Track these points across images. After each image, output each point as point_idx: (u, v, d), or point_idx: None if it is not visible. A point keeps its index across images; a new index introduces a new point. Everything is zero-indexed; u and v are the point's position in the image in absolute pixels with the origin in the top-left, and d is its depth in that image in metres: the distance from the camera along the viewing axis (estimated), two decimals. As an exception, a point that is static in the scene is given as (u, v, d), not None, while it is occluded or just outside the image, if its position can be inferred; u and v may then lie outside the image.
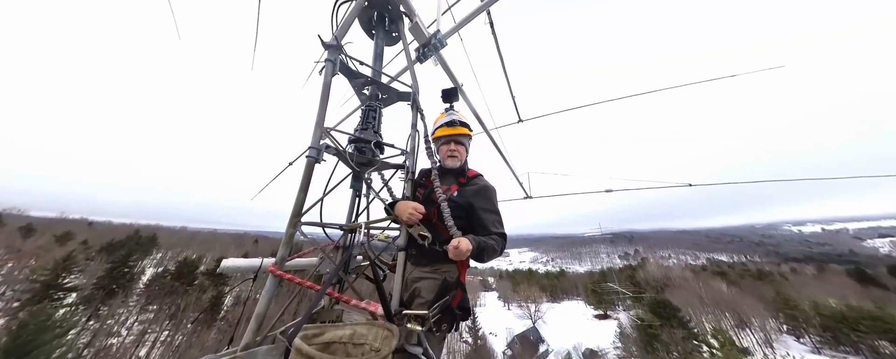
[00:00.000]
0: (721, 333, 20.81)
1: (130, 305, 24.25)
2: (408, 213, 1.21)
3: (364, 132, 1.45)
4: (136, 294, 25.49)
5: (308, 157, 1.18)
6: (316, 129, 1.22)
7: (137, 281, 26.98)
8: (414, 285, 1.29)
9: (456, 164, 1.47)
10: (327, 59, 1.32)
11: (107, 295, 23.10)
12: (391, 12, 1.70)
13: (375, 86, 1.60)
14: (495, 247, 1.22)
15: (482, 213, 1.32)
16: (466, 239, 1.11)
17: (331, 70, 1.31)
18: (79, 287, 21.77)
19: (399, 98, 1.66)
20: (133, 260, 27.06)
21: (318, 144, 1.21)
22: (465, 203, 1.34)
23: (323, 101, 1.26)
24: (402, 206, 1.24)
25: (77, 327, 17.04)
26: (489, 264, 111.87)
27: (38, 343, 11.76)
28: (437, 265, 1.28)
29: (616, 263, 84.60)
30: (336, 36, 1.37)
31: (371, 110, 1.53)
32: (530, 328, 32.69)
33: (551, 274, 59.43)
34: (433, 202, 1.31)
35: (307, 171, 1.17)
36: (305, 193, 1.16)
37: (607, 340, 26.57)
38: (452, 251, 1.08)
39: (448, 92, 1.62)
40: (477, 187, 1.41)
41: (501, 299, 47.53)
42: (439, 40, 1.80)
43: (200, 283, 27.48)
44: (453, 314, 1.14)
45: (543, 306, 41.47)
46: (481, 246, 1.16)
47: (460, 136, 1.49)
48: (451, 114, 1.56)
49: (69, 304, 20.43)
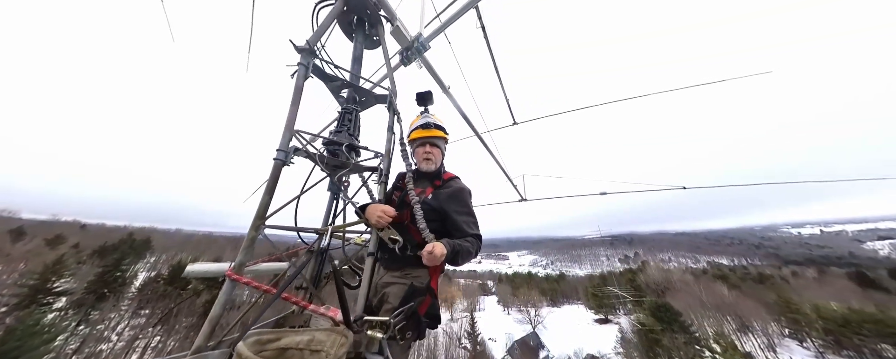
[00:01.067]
0: (723, 337, 20.56)
1: (122, 309, 23.74)
2: (376, 215, 1.18)
3: (338, 135, 1.44)
4: (128, 298, 24.99)
5: (275, 159, 1.16)
6: (285, 131, 1.21)
7: (130, 285, 26.51)
8: (383, 290, 1.25)
9: (431, 166, 1.45)
10: (299, 63, 1.31)
11: (97, 299, 22.63)
12: (370, 16, 1.72)
13: (352, 89, 1.59)
14: (470, 249, 1.19)
15: (457, 215, 1.29)
16: (441, 244, 1.08)
17: (303, 74, 1.31)
18: (69, 291, 21.35)
19: (376, 101, 1.65)
20: (126, 264, 26.65)
21: (287, 146, 1.18)
22: (439, 206, 1.32)
23: (294, 104, 1.26)
24: (372, 208, 1.21)
25: (66, 333, 16.65)
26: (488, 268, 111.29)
27: (25, 349, 11.43)
28: (408, 270, 1.25)
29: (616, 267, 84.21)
30: (309, 40, 1.37)
31: (347, 113, 1.52)
32: (530, 334, 32.25)
33: (551, 277, 59.02)
34: (408, 205, 1.28)
35: (274, 173, 1.15)
36: (271, 195, 1.13)
37: (608, 345, 26.20)
38: (426, 257, 1.04)
39: (422, 95, 1.59)
40: (451, 190, 1.38)
41: (501, 304, 47.04)
42: (422, 44, 1.82)
43: (194, 287, 26.98)
44: (419, 322, 1.09)
45: (543, 311, 41.06)
46: (455, 250, 1.13)
47: (435, 138, 1.47)
48: (425, 116, 1.54)
49: (59, 309, 19.99)
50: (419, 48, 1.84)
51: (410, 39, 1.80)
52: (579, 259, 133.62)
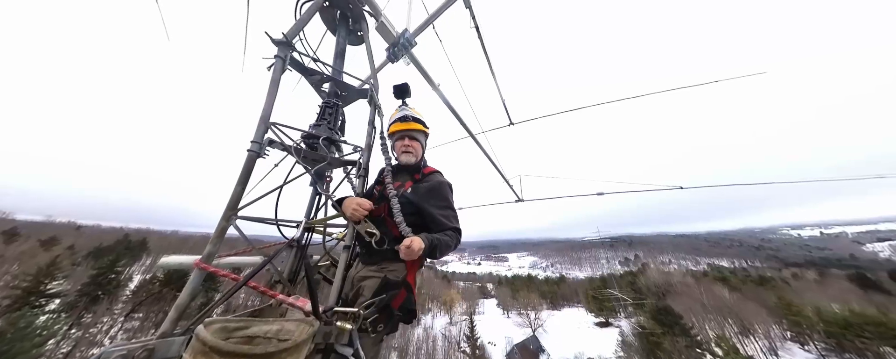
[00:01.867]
0: (725, 340, 20.34)
1: (115, 312, 23.42)
2: (352, 208, 1.17)
3: (317, 128, 1.43)
4: (122, 301, 24.67)
5: (249, 151, 1.15)
6: (260, 123, 1.19)
7: (124, 287, 26.20)
8: (359, 284, 1.24)
9: (411, 159, 1.44)
10: (276, 56, 1.30)
11: (91, 302, 22.33)
12: (353, 11, 1.71)
13: (333, 83, 1.58)
14: (449, 242, 1.20)
15: (436, 209, 1.29)
16: (419, 238, 1.07)
17: (279, 67, 1.30)
18: (62, 294, 21.06)
19: (358, 96, 1.64)
20: (120, 265, 26.36)
21: (262, 138, 1.17)
22: (417, 200, 1.31)
23: (270, 96, 1.24)
24: (348, 201, 1.21)
25: (58, 336, 16.37)
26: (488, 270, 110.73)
27: (15, 352, 11.23)
28: (385, 264, 1.23)
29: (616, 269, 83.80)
30: (286, 33, 1.36)
31: (328, 107, 1.51)
32: (530, 337, 31.90)
33: (551, 280, 58.67)
34: (386, 199, 1.28)
35: (247, 165, 1.14)
36: (243, 186, 1.13)
37: (609, 349, 25.88)
38: (404, 251, 1.04)
39: (400, 87, 1.55)
40: (430, 184, 1.37)
41: (500, 307, 46.68)
42: (407, 40, 1.79)
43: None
44: (392, 315, 1.07)
45: (543, 314, 40.69)
46: (433, 244, 1.13)
47: (414, 131, 1.46)
48: (403, 109, 1.51)
49: (51, 311, 19.70)
50: (405, 44, 1.81)
51: (396, 35, 1.78)
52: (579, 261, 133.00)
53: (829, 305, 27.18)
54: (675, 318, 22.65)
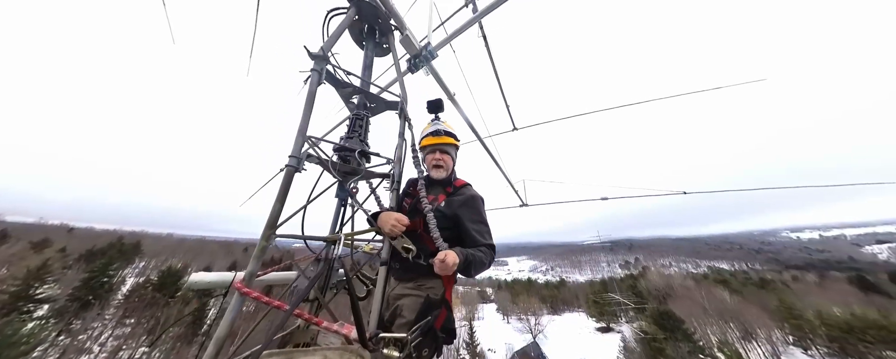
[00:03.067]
0: (727, 345, 20.06)
1: (106, 318, 22.87)
2: (390, 224, 1.12)
3: (349, 141, 1.43)
4: (114, 306, 24.12)
5: (287, 166, 1.13)
6: (298, 137, 1.18)
7: (116, 292, 25.66)
8: (396, 302, 1.21)
9: (442, 174, 1.45)
10: (313, 69, 1.33)
11: (81, 307, 21.82)
12: (381, 25, 1.75)
13: (363, 95, 1.62)
14: (483, 259, 1.16)
15: (469, 223, 1.27)
16: (454, 252, 1.05)
17: (316, 79, 1.32)
18: (51, 299, 20.58)
19: (387, 107, 1.67)
20: (113, 269, 25.88)
21: (300, 152, 1.16)
22: (452, 214, 1.30)
23: (306, 109, 1.24)
24: (385, 216, 1.16)
25: (45, 344, 15.93)
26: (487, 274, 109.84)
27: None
28: (422, 281, 1.21)
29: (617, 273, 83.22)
30: (323, 47, 1.40)
31: (358, 119, 1.52)
32: (531, 344, 31.37)
33: (551, 284, 58.20)
34: (420, 213, 1.25)
35: (286, 180, 1.11)
36: (282, 203, 1.08)
37: (611, 355, 25.45)
38: (438, 265, 1.00)
39: (434, 103, 1.63)
40: (464, 197, 1.36)
41: (500, 312, 46.12)
42: (430, 52, 1.89)
43: (183, 294, 26.19)
44: (436, 337, 1.06)
45: (544, 319, 40.13)
46: (469, 259, 1.10)
47: (446, 145, 1.47)
48: (436, 124, 1.55)
49: (39, 317, 19.20)
50: (427, 56, 1.90)
51: (419, 48, 1.86)
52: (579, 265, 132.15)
53: (830, 308, 27.00)
54: (676, 322, 22.39)
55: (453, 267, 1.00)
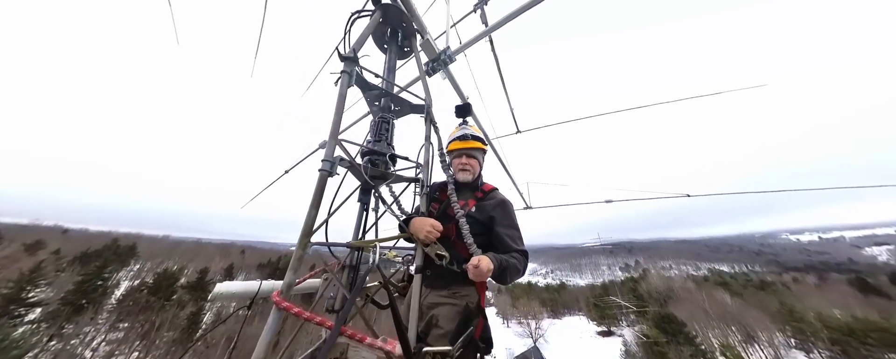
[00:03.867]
0: (729, 349, 19.86)
1: (99, 322, 22.46)
2: (425, 230, 1.07)
3: (377, 144, 1.40)
4: (107, 310, 23.72)
5: (321, 170, 1.08)
6: (330, 140, 1.13)
7: (110, 295, 25.25)
8: (430, 312, 1.15)
9: (468, 177, 1.42)
10: (343, 71, 1.30)
11: (74, 311, 21.44)
12: (405, 29, 1.77)
13: (389, 98, 1.59)
14: (518, 266, 1.11)
15: (502, 228, 1.24)
16: (487, 258, 1.00)
17: (346, 82, 1.29)
18: (43, 302, 20.23)
19: (412, 110, 1.64)
20: (107, 272, 25.53)
21: (332, 156, 1.11)
22: (485, 219, 1.26)
23: (338, 112, 1.21)
24: (419, 222, 1.11)
25: (36, 348, 15.59)
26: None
27: (-11, 366, 10.57)
28: (455, 288, 1.17)
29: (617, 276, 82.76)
30: (354, 48, 1.38)
31: (384, 122, 1.48)
32: (531, 348, 30.94)
33: (551, 287, 57.74)
34: (449, 218, 1.23)
35: (319, 185, 1.06)
36: (317, 209, 1.05)
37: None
38: (472, 271, 0.96)
39: (462, 107, 1.65)
40: (495, 202, 1.33)
41: (500, 316, 45.65)
42: (448, 56, 1.91)
43: (179, 297, 25.84)
44: (476, 348, 1.04)
45: (544, 323, 39.79)
46: (503, 265, 1.05)
47: (473, 149, 1.46)
48: (463, 128, 1.56)
49: (31, 321, 18.84)
50: (445, 60, 1.93)
51: (438, 51, 1.89)
52: (580, 268, 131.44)
53: (831, 310, 26.87)
54: (678, 326, 22.20)
55: (487, 273, 0.95)
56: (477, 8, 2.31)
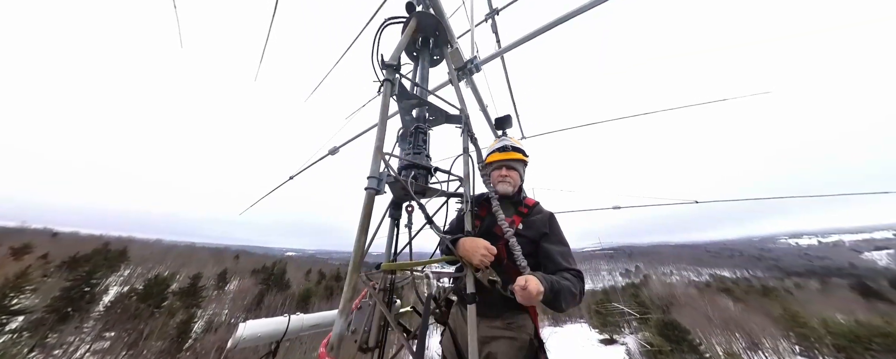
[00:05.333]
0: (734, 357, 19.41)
1: (85, 331, 21.68)
2: (480, 254, 0.94)
3: (417, 156, 1.33)
4: (94, 318, 22.93)
5: (368, 189, 0.99)
6: (375, 154, 1.05)
7: (97, 302, 24.48)
8: (485, 348, 1.02)
9: (509, 189, 1.33)
10: (386, 79, 1.24)
11: (59, 320, 20.70)
12: (438, 37, 1.77)
13: (425, 107, 1.54)
14: (573, 289, 0.95)
15: (552, 246, 1.12)
16: (535, 278, 0.87)
17: (389, 90, 1.24)
18: (27, 310, 19.53)
19: (447, 120, 1.59)
20: (96, 277, 24.85)
21: (379, 172, 1.03)
22: (535, 236, 1.15)
23: (381, 123, 1.12)
24: (470, 244, 0.97)
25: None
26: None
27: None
28: (509, 317, 1.06)
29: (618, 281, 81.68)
30: (393, 56, 1.33)
31: (421, 133, 1.42)
32: (532, 355, 29.98)
33: (552, 292, 56.26)
34: (494, 237, 1.12)
35: (367, 206, 0.97)
36: (366, 233, 0.96)
37: (615, 367, 24.39)
38: (520, 293, 0.83)
39: (501, 119, 1.63)
40: (543, 217, 1.24)
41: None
42: (475, 65, 1.93)
43: (169, 305, 25.11)
44: None
45: (545, 331, 38.87)
46: (555, 288, 0.89)
47: (514, 161, 1.38)
48: (503, 139, 1.50)
49: (12, 330, 18.13)
50: (472, 69, 1.94)
51: (465, 61, 1.90)
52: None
53: (834, 315, 26.54)
54: (682, 333, 21.78)
55: (538, 296, 0.82)
56: (488, 17, 2.36)
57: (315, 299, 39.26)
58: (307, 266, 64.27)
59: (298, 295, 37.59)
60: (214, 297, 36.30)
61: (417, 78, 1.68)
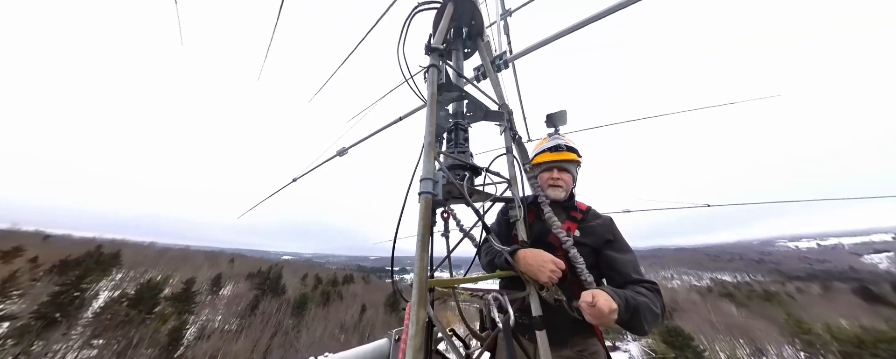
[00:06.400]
0: (739, 363, 18.93)
1: (72, 338, 21.02)
2: (548, 269, 0.80)
3: (462, 156, 1.15)
4: (82, 325, 22.27)
5: (424, 193, 0.80)
6: (427, 152, 0.86)
7: (87, 308, 23.82)
8: None
9: (561, 194, 1.19)
10: (431, 65, 1.07)
11: (46, 326, 20.08)
12: (473, 27, 1.58)
13: (466, 102, 1.36)
14: (653, 306, 0.80)
15: (617, 254, 0.99)
16: (604, 293, 0.73)
17: (435, 77, 1.05)
18: (12, 316, 18.92)
19: (488, 117, 1.41)
20: (87, 282, 24.24)
21: (435, 172, 0.85)
22: (598, 244, 1.03)
23: (431, 116, 0.93)
24: (535, 257, 0.84)
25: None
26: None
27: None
28: (578, 342, 0.94)
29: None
30: (442, 40, 1.14)
31: (461, 130, 1.23)
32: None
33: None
34: (550, 247, 0.98)
35: (426, 214, 0.78)
36: (429, 248, 0.78)
37: (618, 374, 23.81)
38: (588, 311, 0.69)
39: (553, 115, 1.43)
40: (602, 222, 1.12)
41: (501, 327, 43.77)
42: (505, 61, 1.80)
43: (161, 311, 24.50)
44: None
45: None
46: (632, 304, 0.75)
47: (566, 162, 1.23)
48: (555, 138, 1.33)
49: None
50: (500, 65, 1.83)
51: (494, 56, 1.78)
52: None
53: (838, 320, 26.28)
54: (685, 339, 21.35)
55: (610, 315, 0.69)
56: (502, 17, 2.30)
57: (311, 304, 38.52)
58: (304, 270, 63.42)
59: (294, 301, 36.85)
60: (208, 302, 35.49)
61: (455, 71, 1.51)
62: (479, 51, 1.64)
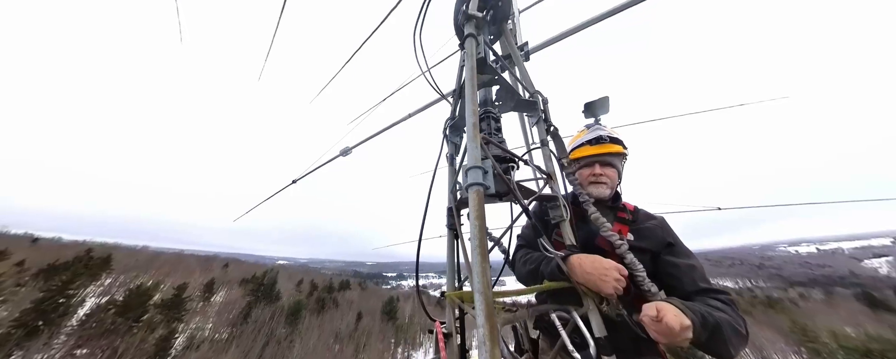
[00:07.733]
0: (746, 374, 18.42)
1: (54, 348, 20.19)
2: (613, 277, 0.68)
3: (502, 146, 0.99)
4: (66, 333, 21.44)
5: (475, 185, 0.65)
6: (472, 137, 0.71)
7: (71, 315, 22.99)
8: None
9: (605, 192, 1.05)
10: (469, 34, 0.89)
11: (26, 335, 19.30)
12: (501, 8, 1.36)
13: (499, 89, 1.21)
14: (735, 324, 0.67)
15: (677, 259, 0.87)
16: (672, 306, 0.61)
17: (474, 49, 0.87)
18: (-8, 324, 18.18)
19: (519, 107, 1.25)
20: (74, 287, 23.50)
21: (483, 161, 0.70)
22: (655, 249, 0.91)
23: (472, 96, 0.78)
24: (592, 265, 0.71)
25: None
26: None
27: None
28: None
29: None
30: (478, 7, 0.95)
31: (492, 118, 1.07)
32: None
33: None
34: (601, 252, 0.82)
35: (479, 207, 0.62)
36: (486, 249, 0.61)
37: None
38: (653, 327, 0.59)
39: (593, 103, 1.24)
40: (657, 223, 0.99)
41: (500, 335, 42.77)
42: (527, 52, 1.66)
43: (149, 318, 23.70)
44: None
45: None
46: (709, 322, 0.63)
47: (610, 155, 1.08)
48: (597, 129, 1.16)
49: (-29, 348, 16.76)
50: (521, 57, 1.65)
51: (518, 44, 1.63)
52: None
53: (842, 328, 25.88)
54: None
55: (683, 333, 0.57)
56: (525, 9, 2.13)
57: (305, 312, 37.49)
58: (299, 276, 62.24)
59: (288, 308, 35.92)
60: (199, 309, 34.49)
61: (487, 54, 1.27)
62: (504, 36, 1.44)
